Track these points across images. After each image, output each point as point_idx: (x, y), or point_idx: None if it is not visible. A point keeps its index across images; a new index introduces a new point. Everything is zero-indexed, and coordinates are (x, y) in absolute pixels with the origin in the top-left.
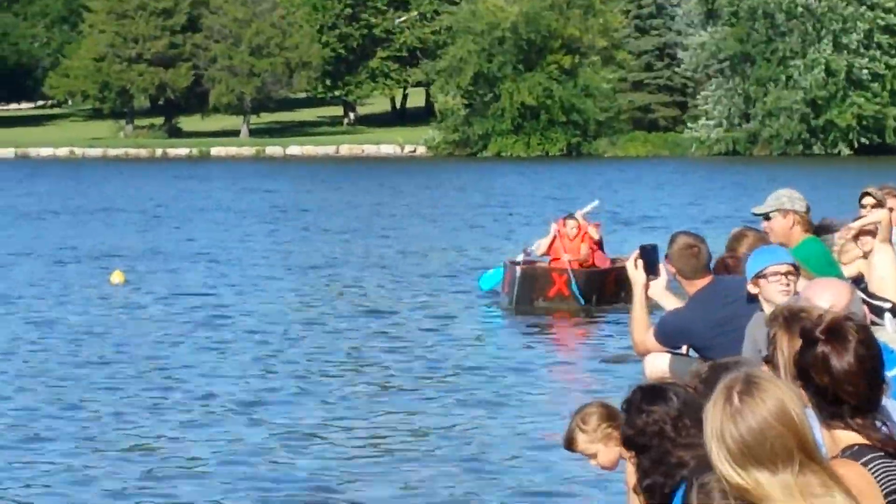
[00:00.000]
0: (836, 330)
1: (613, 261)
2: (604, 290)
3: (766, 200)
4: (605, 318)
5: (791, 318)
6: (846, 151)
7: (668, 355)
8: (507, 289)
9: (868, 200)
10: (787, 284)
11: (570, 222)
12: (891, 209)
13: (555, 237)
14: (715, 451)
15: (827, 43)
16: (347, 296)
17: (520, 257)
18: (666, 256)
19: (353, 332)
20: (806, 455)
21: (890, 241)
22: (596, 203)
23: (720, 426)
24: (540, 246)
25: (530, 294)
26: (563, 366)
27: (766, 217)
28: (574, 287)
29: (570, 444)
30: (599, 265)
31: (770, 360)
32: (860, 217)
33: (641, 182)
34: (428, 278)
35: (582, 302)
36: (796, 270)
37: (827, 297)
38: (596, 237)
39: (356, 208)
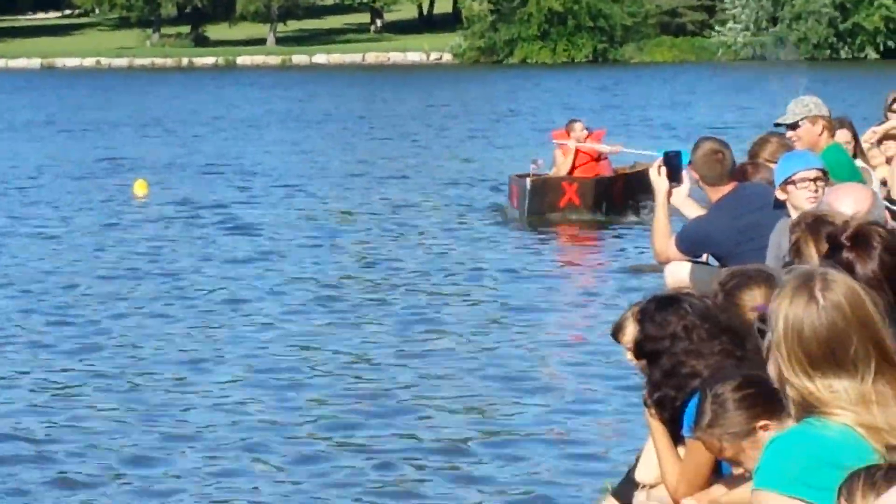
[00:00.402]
0: (861, 236)
1: (616, 170)
2: (612, 198)
3: (789, 109)
4: (617, 227)
5: (815, 223)
6: (873, 55)
7: (689, 264)
8: (517, 202)
9: None
10: (816, 191)
11: (577, 125)
12: None
13: (575, 160)
14: (786, 351)
15: None
16: (371, 206)
17: (532, 168)
18: (690, 162)
19: (376, 241)
20: (884, 358)
21: None
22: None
23: (801, 324)
24: (560, 168)
25: (541, 206)
26: (582, 276)
27: (793, 126)
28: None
29: (617, 332)
30: (605, 173)
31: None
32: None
33: (668, 88)
34: (453, 187)
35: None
36: (825, 176)
37: (849, 202)
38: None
39: (383, 117)
